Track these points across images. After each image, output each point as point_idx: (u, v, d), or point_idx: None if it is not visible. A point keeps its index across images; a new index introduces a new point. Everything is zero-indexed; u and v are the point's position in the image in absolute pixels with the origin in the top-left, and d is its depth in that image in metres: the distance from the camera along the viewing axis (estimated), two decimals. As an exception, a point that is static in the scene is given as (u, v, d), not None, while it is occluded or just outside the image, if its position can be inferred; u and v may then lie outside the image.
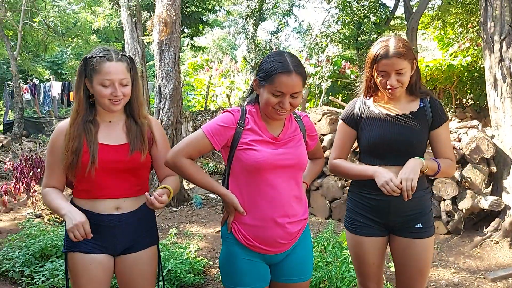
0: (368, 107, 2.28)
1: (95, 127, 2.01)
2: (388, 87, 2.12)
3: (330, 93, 11.32)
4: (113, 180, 2.00)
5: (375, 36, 9.98)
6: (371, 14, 9.84)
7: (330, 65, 11.11)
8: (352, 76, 12.56)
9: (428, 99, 2.22)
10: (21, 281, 3.73)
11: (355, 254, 2.32)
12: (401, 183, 1.97)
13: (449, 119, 2.23)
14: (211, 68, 16.12)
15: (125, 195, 2.04)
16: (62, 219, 5.59)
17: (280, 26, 13.88)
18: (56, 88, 17.37)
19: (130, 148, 2.01)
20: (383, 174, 2.02)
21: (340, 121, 2.36)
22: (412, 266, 2.19)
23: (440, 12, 11.53)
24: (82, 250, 1.98)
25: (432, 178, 2.17)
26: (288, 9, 13.53)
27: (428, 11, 11.60)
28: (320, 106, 9.38)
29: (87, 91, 1.99)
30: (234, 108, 2.03)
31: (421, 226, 2.18)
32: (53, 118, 17.10)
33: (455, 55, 10.36)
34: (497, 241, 4.74)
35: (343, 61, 11.83)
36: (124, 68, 1.97)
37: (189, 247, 4.16)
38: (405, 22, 10.49)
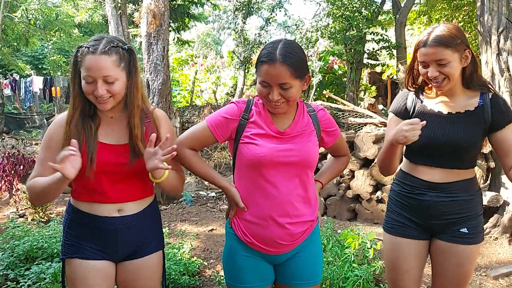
0: (421, 101, 2.07)
1: (95, 123, 1.77)
2: (431, 79, 1.91)
3: (318, 89, 11.25)
4: (115, 184, 1.78)
5: (365, 30, 9.89)
6: (363, 8, 9.72)
7: (318, 60, 11.03)
8: (340, 72, 12.52)
9: (490, 97, 1.94)
10: (5, 285, 3.52)
11: (390, 258, 2.13)
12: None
13: None
14: (196, 63, 15.93)
15: (129, 199, 1.83)
16: (47, 218, 5.39)
17: (270, 20, 13.65)
18: (37, 83, 16.98)
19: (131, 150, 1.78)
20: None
21: (391, 115, 2.15)
22: (450, 272, 2.00)
23: (426, 8, 11.54)
24: (80, 256, 1.79)
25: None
26: (277, 2, 13.30)
27: (415, 6, 11.59)
28: (312, 101, 9.28)
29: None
30: (240, 100, 1.91)
31: (467, 231, 1.98)
32: (35, 114, 16.69)
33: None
34: (496, 238, 4.69)
35: (331, 56, 11.77)
36: (111, 63, 1.65)
37: (182, 247, 4.00)
38: (394, 17, 10.44)
